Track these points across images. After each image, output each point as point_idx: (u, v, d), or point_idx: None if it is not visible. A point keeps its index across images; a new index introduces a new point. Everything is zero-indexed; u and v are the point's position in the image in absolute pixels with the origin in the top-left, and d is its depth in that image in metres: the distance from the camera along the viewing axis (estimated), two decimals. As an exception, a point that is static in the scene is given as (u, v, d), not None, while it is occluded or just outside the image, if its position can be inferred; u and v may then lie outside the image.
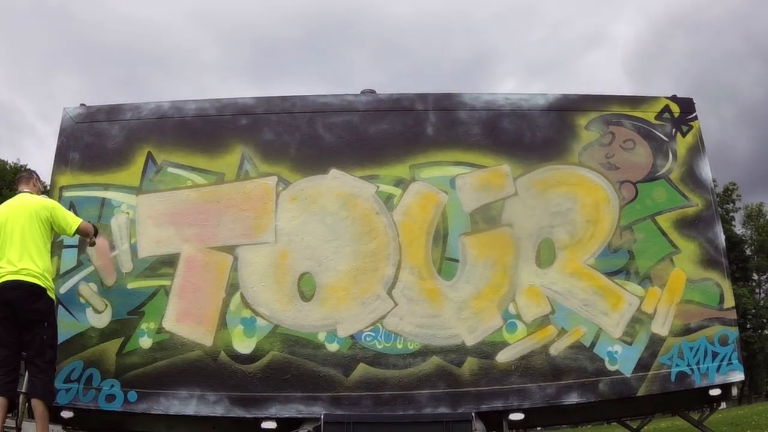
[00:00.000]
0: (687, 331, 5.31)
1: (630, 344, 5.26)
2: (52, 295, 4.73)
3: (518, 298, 5.29)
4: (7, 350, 4.46)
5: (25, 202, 4.81)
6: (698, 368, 5.23)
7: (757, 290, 40.64)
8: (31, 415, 5.50)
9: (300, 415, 5.00)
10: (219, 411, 4.99)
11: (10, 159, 32.74)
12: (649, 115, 5.86)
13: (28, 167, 30.42)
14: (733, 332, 5.39)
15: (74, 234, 4.95)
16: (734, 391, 5.45)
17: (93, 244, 5.15)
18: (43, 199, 4.95)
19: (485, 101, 5.81)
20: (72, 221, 4.88)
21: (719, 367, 5.26)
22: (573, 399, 5.10)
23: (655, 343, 5.26)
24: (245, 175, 5.54)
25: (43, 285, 4.60)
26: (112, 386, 5.04)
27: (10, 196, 5.15)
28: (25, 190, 4.99)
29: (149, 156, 5.58)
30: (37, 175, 5.25)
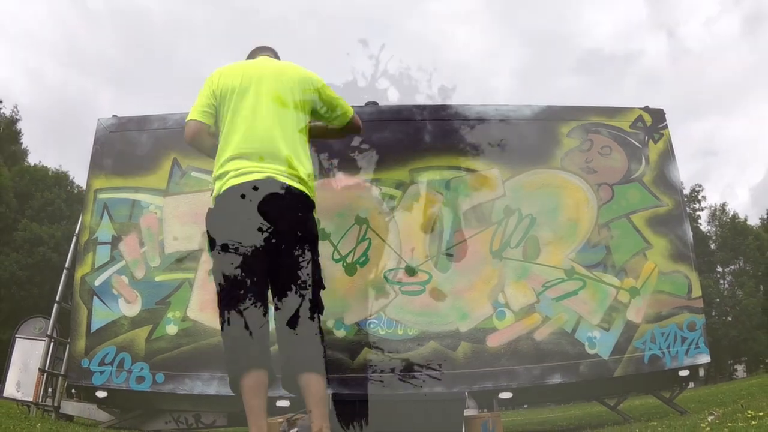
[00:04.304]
0: (659, 318, 5.35)
1: (607, 330, 5.29)
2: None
3: (506, 289, 5.33)
4: None
5: (280, 68, 2.52)
6: (669, 352, 5.27)
7: (721, 281, 40.56)
8: (69, 395, 5.52)
9: (311, 395, 5.03)
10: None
11: (52, 165, 31.67)
12: (624, 124, 5.89)
13: (67, 173, 29.45)
14: (700, 319, 5.43)
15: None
16: (701, 372, 5.47)
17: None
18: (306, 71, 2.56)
19: (477, 112, 5.82)
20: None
21: (688, 350, 5.30)
22: (556, 380, 5.13)
23: (630, 329, 5.30)
24: (261, 179, 5.55)
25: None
26: (142, 369, 5.07)
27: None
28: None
29: (175, 162, 5.60)
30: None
